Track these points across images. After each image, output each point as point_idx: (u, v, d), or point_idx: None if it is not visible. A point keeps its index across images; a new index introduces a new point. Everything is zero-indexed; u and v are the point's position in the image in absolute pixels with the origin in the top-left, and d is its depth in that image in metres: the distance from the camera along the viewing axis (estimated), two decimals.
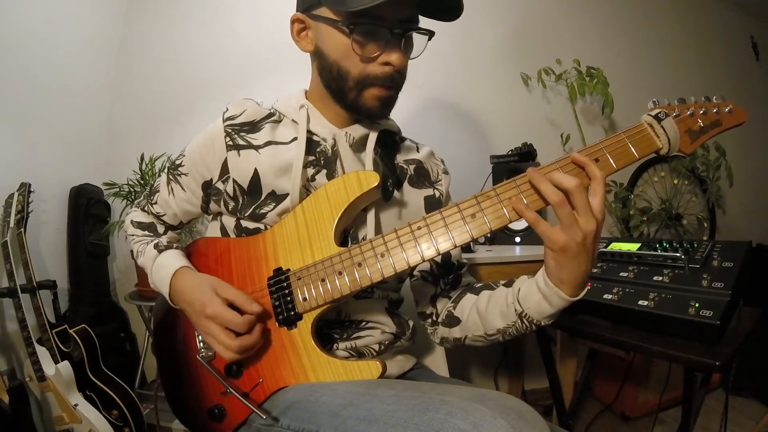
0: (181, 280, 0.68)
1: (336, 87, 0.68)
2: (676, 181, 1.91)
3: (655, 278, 0.87)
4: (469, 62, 1.84)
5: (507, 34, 1.89)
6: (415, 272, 0.81)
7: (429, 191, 0.80)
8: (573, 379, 1.49)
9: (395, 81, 0.67)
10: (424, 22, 0.68)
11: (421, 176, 0.80)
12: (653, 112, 0.59)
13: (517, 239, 1.53)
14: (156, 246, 0.76)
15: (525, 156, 1.56)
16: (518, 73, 1.85)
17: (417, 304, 0.84)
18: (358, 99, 0.68)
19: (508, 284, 0.69)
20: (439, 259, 0.79)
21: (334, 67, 0.67)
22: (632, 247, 0.98)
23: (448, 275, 0.80)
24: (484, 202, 0.58)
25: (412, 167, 0.79)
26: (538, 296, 0.60)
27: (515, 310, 0.64)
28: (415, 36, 0.68)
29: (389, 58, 0.64)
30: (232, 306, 0.62)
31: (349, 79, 0.66)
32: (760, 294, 0.95)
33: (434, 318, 0.80)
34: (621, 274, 0.93)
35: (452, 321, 0.76)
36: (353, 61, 0.65)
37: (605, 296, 0.88)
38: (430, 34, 0.68)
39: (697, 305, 0.75)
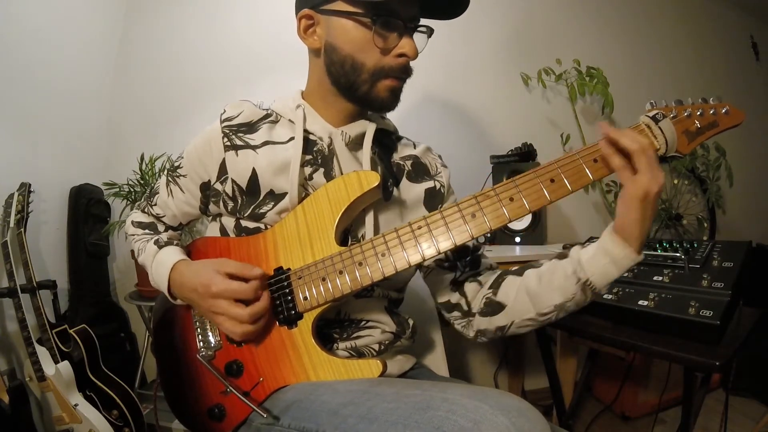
0: (180, 272, 0.69)
1: (346, 81, 0.69)
2: (676, 181, 1.91)
3: (655, 278, 0.87)
4: (469, 62, 1.84)
5: (507, 34, 1.89)
6: (430, 264, 0.78)
7: (430, 183, 0.79)
8: (573, 379, 1.49)
9: (408, 72, 0.70)
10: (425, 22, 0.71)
11: (420, 170, 0.80)
12: (651, 114, 0.60)
13: (517, 239, 1.53)
14: (156, 242, 0.76)
15: (525, 156, 1.56)
16: (518, 73, 1.85)
17: (435, 297, 0.80)
18: (371, 91, 0.69)
19: (561, 257, 0.66)
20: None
21: (347, 60, 0.67)
22: None
23: (465, 257, 0.77)
24: (483, 201, 0.58)
25: (408, 163, 0.79)
26: (605, 260, 0.58)
27: (578, 280, 0.61)
28: (415, 35, 0.70)
29: (404, 50, 0.67)
30: (234, 278, 0.63)
31: (364, 72, 0.67)
32: (760, 294, 0.95)
33: (465, 308, 0.75)
34: None
35: (494, 308, 0.70)
36: (370, 53, 0.66)
37: (605, 296, 0.88)
38: (430, 31, 0.71)
39: (697, 305, 0.75)
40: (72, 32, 1.53)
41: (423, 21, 0.70)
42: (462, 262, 0.77)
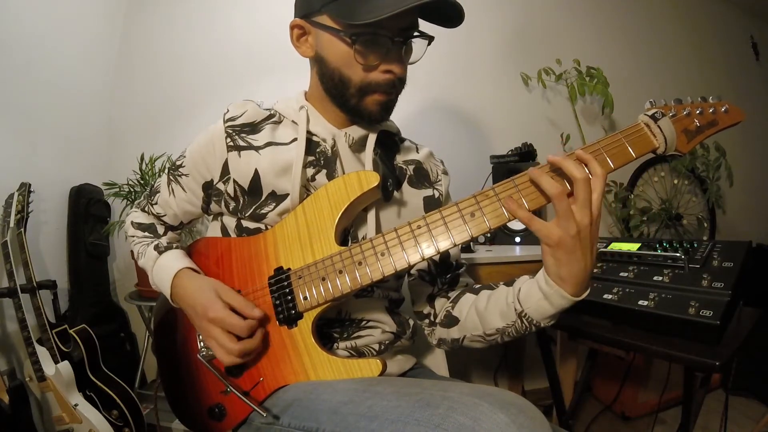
0: (183, 283, 0.69)
1: (337, 92, 0.69)
2: (676, 181, 1.91)
3: (655, 278, 0.87)
4: (469, 62, 1.84)
5: (507, 35, 1.89)
6: (413, 271, 0.81)
7: (428, 191, 0.80)
8: (573, 379, 1.49)
9: (396, 87, 0.69)
10: (425, 26, 0.68)
11: (421, 177, 0.80)
12: (650, 112, 0.60)
13: (517, 239, 1.54)
14: (156, 247, 0.76)
15: (525, 156, 1.56)
16: (518, 73, 1.85)
17: (413, 304, 0.84)
18: (360, 104, 0.68)
19: (509, 284, 0.68)
20: (437, 258, 0.79)
21: (335, 73, 0.67)
22: (632, 247, 0.98)
23: (446, 274, 0.80)
24: (483, 201, 0.58)
25: (411, 168, 0.80)
26: (538, 295, 0.59)
27: (515, 310, 0.63)
28: (416, 39, 0.68)
29: (390, 67, 0.65)
30: (233, 310, 0.63)
31: (351, 86, 0.67)
32: (760, 294, 0.95)
33: (432, 318, 0.80)
34: (621, 274, 0.93)
35: (451, 321, 0.75)
36: (355, 69, 0.66)
37: (605, 296, 0.88)
38: (430, 39, 0.68)
39: (697, 305, 0.75)
40: (72, 32, 1.53)
41: (427, 24, 0.68)
42: (442, 279, 0.80)
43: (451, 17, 0.66)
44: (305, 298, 0.63)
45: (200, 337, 0.70)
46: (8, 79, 1.32)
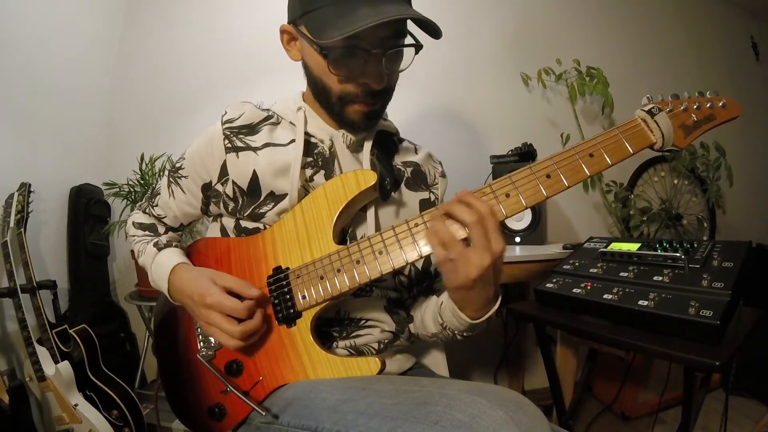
0: (179, 276, 0.69)
1: (322, 98, 0.70)
2: (676, 181, 1.91)
3: (655, 278, 0.86)
4: (469, 62, 1.84)
5: (507, 35, 1.89)
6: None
7: (425, 194, 0.80)
8: (573, 379, 1.49)
9: (376, 97, 0.67)
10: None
11: (418, 179, 0.80)
12: (646, 108, 0.60)
13: (517, 239, 1.53)
14: (156, 244, 0.76)
15: (525, 156, 1.56)
16: (518, 73, 1.85)
17: None
18: (342, 113, 0.69)
19: (439, 294, 0.76)
20: (419, 264, 0.80)
21: (318, 82, 0.68)
22: (632, 247, 0.98)
23: (422, 283, 0.82)
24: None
25: (409, 170, 0.80)
26: (449, 313, 0.65)
27: (438, 321, 0.69)
28: (407, 40, 0.66)
29: (366, 79, 0.64)
30: (230, 293, 0.63)
31: (332, 95, 0.67)
32: (760, 294, 0.95)
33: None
34: (621, 274, 0.93)
35: (410, 319, 0.82)
36: (332, 78, 0.65)
37: (605, 296, 0.88)
38: (417, 47, 0.66)
39: (697, 305, 0.75)
40: (72, 32, 1.53)
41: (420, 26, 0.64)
42: (418, 288, 0.83)
43: (431, 28, 0.62)
44: (304, 297, 0.63)
45: (200, 336, 0.70)
46: (8, 79, 1.32)
